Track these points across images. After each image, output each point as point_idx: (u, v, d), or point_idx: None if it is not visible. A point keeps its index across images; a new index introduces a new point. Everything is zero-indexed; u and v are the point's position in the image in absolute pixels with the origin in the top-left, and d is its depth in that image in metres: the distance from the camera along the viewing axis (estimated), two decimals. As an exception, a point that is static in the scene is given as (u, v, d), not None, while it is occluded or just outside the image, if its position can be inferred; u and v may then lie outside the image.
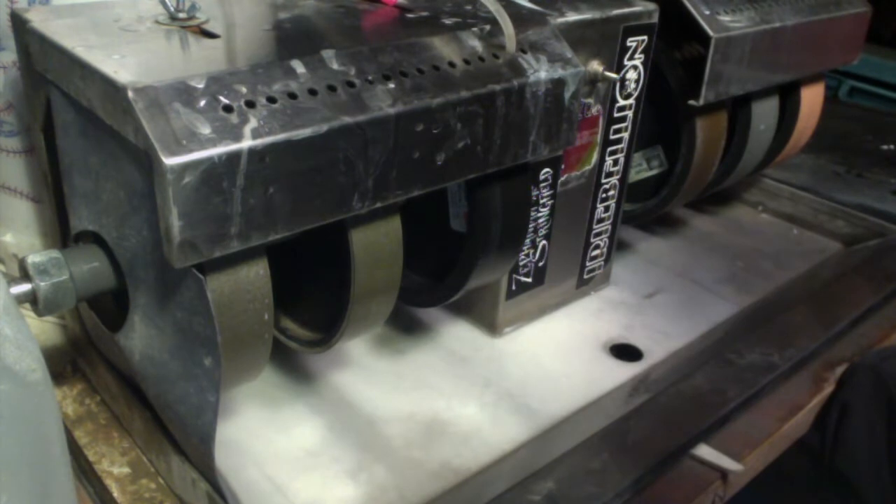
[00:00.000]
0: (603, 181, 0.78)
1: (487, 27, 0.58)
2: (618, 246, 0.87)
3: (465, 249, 0.65)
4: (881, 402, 0.73)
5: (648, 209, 0.90)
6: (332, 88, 0.48)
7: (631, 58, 0.72)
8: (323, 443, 0.65)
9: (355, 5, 0.61)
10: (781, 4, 0.83)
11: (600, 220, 0.81)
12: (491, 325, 0.79)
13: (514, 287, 0.76)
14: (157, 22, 0.54)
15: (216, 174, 0.42)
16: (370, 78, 0.50)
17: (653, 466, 0.61)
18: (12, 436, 0.37)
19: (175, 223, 0.42)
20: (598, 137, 0.74)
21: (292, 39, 0.54)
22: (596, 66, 0.68)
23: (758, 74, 0.81)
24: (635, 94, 0.75)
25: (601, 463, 0.60)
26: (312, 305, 0.65)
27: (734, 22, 0.76)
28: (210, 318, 0.46)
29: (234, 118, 0.43)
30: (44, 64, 0.52)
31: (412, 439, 0.65)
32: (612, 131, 0.75)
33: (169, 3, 0.53)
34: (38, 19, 0.53)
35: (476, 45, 0.56)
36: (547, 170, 0.71)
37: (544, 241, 0.75)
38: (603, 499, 0.57)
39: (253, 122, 0.44)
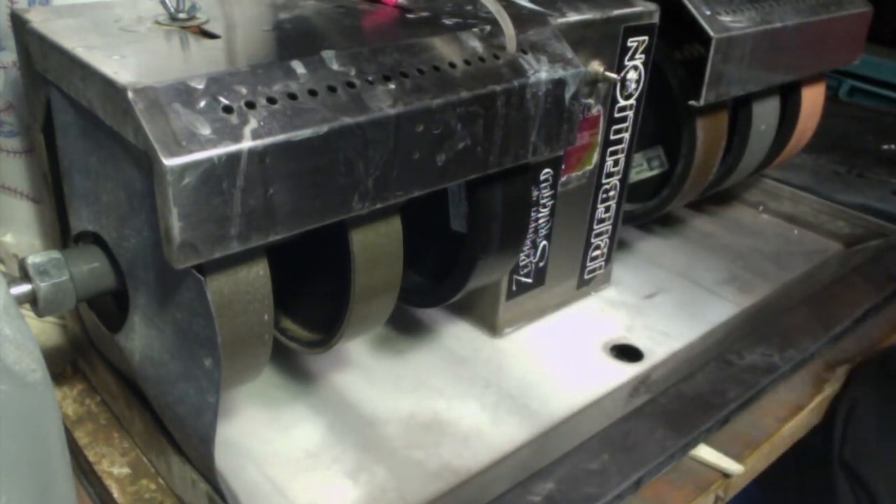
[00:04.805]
0: (603, 181, 0.78)
1: (488, 28, 0.58)
2: (618, 246, 0.87)
3: (466, 250, 0.65)
4: (890, 398, 0.73)
5: (649, 209, 0.90)
6: (332, 89, 0.48)
7: (631, 58, 0.72)
8: (323, 443, 0.65)
9: (355, 5, 0.61)
10: (782, 4, 0.82)
11: (601, 221, 0.81)
12: (491, 326, 0.79)
13: (514, 287, 0.76)
14: (157, 22, 0.54)
15: (216, 175, 0.42)
16: (370, 78, 0.50)
17: (653, 467, 0.61)
18: (12, 436, 0.37)
19: (175, 224, 0.41)
20: (599, 138, 0.74)
21: (292, 40, 0.53)
22: (596, 66, 0.68)
23: (759, 75, 0.81)
24: (636, 95, 0.75)
25: (601, 463, 0.60)
26: (312, 306, 0.64)
27: (735, 22, 0.76)
28: (210, 318, 0.46)
29: (234, 119, 0.43)
30: (44, 64, 0.52)
31: (412, 440, 0.65)
32: (612, 132, 0.75)
33: (169, 4, 0.53)
34: (38, 19, 0.53)
35: (476, 45, 0.56)
36: (547, 170, 0.71)
37: (545, 242, 0.75)
38: (603, 499, 0.57)
39: (253, 123, 0.44)
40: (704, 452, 0.64)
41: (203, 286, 0.46)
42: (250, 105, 0.44)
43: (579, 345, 0.78)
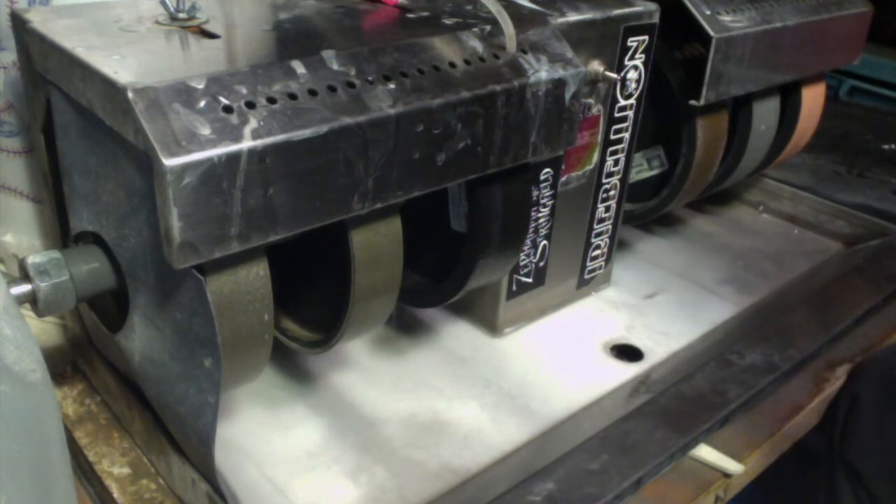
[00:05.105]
0: (604, 181, 0.78)
1: (488, 27, 0.58)
2: (618, 246, 0.87)
3: (466, 250, 0.65)
4: (890, 395, 0.73)
5: (649, 209, 0.90)
6: (332, 89, 0.48)
7: (632, 58, 0.72)
8: (323, 443, 0.65)
9: (355, 5, 0.61)
10: (782, 4, 0.82)
11: (601, 221, 0.81)
12: (491, 326, 0.79)
13: (514, 287, 0.76)
14: (158, 22, 0.54)
15: (216, 175, 0.42)
16: (370, 78, 0.50)
17: (653, 467, 0.61)
18: (12, 436, 0.37)
19: (175, 224, 0.41)
20: (599, 137, 0.74)
21: (292, 40, 0.53)
22: (597, 66, 0.68)
23: (759, 74, 0.81)
24: (636, 94, 0.75)
25: (601, 463, 0.60)
26: (313, 306, 0.64)
27: (735, 22, 0.76)
28: (210, 318, 0.46)
29: (234, 119, 0.43)
30: (44, 64, 0.52)
31: (412, 440, 0.65)
32: (612, 131, 0.75)
33: (169, 4, 0.53)
34: (38, 20, 0.53)
35: (476, 45, 0.56)
36: (548, 170, 0.71)
37: (545, 242, 0.75)
38: (603, 499, 0.57)
39: (253, 123, 0.44)
40: (704, 452, 0.64)
41: (203, 286, 0.46)
42: (250, 105, 0.44)
43: (579, 345, 0.78)
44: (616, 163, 0.78)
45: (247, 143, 0.43)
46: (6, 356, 0.37)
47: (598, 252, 0.83)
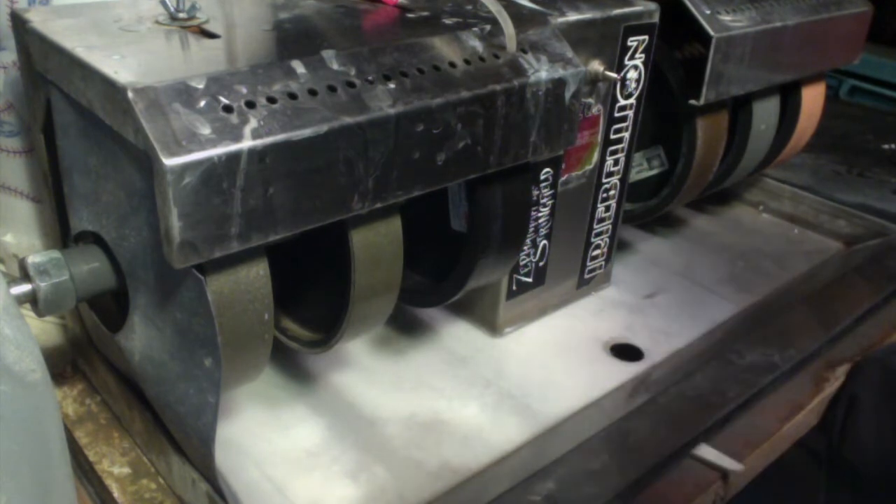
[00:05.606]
0: (604, 181, 0.78)
1: (488, 27, 0.58)
2: (618, 246, 0.87)
3: (466, 249, 0.65)
4: (889, 394, 0.73)
5: (649, 209, 0.90)
6: (332, 89, 0.48)
7: (632, 57, 0.72)
8: (323, 443, 0.65)
9: (355, 5, 0.61)
10: (782, 4, 0.83)
11: (601, 220, 0.81)
12: (491, 326, 0.79)
13: (514, 287, 0.76)
14: (158, 22, 0.54)
15: (216, 175, 0.42)
16: (370, 78, 0.50)
17: (653, 467, 0.61)
18: (12, 436, 0.38)
19: (175, 224, 0.41)
20: (599, 137, 0.74)
21: (292, 39, 0.54)
22: (596, 65, 0.68)
23: (759, 74, 0.81)
24: (636, 94, 0.75)
25: (601, 463, 0.60)
26: (313, 305, 0.65)
27: (735, 22, 0.76)
28: (210, 318, 0.46)
29: (234, 118, 0.43)
30: (44, 64, 0.52)
31: (412, 440, 0.65)
32: (612, 131, 0.75)
33: (169, 4, 0.53)
34: (38, 19, 0.53)
35: (476, 45, 0.56)
36: (547, 169, 0.71)
37: (545, 241, 0.75)
38: (603, 499, 0.57)
39: (253, 123, 0.44)
40: (704, 452, 0.64)
41: (203, 286, 0.46)
42: (250, 105, 0.44)
43: (579, 345, 0.78)
44: (616, 162, 0.78)
45: (247, 143, 0.43)
46: (6, 356, 0.37)
47: (597, 252, 0.83)
